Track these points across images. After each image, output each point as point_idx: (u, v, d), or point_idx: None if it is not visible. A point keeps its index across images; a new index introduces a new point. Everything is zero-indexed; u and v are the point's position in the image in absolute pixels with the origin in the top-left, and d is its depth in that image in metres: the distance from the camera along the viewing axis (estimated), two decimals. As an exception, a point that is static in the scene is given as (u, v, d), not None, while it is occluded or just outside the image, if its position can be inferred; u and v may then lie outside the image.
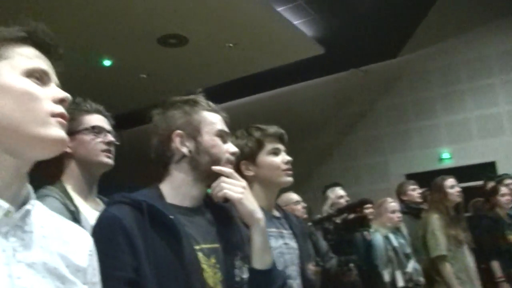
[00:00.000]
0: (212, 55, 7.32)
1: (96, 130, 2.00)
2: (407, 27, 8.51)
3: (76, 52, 6.33)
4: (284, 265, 1.96)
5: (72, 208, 1.85)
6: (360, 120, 9.08)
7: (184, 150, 1.53)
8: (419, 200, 5.17)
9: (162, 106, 1.63)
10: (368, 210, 5.33)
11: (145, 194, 1.50)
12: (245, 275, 1.54)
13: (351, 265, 3.57)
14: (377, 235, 4.24)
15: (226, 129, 1.62)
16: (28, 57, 1.03)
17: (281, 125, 2.18)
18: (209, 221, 1.57)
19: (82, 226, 1.77)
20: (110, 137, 2.04)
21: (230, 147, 1.60)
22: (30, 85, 1.00)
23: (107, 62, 7.21)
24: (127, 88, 8.12)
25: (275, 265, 1.63)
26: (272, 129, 2.13)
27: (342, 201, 4.67)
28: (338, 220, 3.75)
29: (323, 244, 3.89)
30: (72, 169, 1.96)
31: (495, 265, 4.65)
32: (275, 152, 2.10)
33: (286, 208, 4.25)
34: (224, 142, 1.59)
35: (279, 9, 6.57)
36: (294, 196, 4.36)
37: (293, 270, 2.02)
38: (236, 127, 2.12)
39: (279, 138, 2.15)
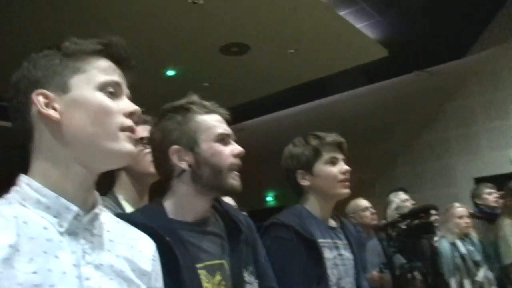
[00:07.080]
0: (274, 62, 7.33)
1: (145, 141, 2.00)
2: (476, 25, 8.20)
3: (141, 63, 6.52)
4: (338, 276, 1.93)
5: None
6: (426, 123, 8.83)
7: (183, 165, 1.46)
8: (495, 204, 4.85)
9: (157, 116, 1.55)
10: (433, 216, 5.18)
11: (147, 211, 1.47)
12: None
13: (416, 272, 3.50)
14: (443, 242, 4.11)
15: (226, 130, 1.52)
16: (103, 70, 1.07)
17: (345, 130, 2.10)
18: (217, 235, 1.50)
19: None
20: None
21: (234, 149, 1.50)
22: (104, 100, 1.05)
23: (170, 72, 7.37)
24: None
25: None
26: (330, 137, 2.05)
27: (408, 204, 4.47)
28: (402, 226, 3.67)
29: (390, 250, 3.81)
30: (123, 180, 2.02)
31: None
32: (333, 162, 2.02)
33: (354, 215, 4.22)
34: (226, 144, 1.50)
35: (341, 13, 6.50)
36: (363, 203, 4.25)
37: (347, 282, 1.97)
38: (300, 133, 2.10)
39: (338, 147, 2.06)
